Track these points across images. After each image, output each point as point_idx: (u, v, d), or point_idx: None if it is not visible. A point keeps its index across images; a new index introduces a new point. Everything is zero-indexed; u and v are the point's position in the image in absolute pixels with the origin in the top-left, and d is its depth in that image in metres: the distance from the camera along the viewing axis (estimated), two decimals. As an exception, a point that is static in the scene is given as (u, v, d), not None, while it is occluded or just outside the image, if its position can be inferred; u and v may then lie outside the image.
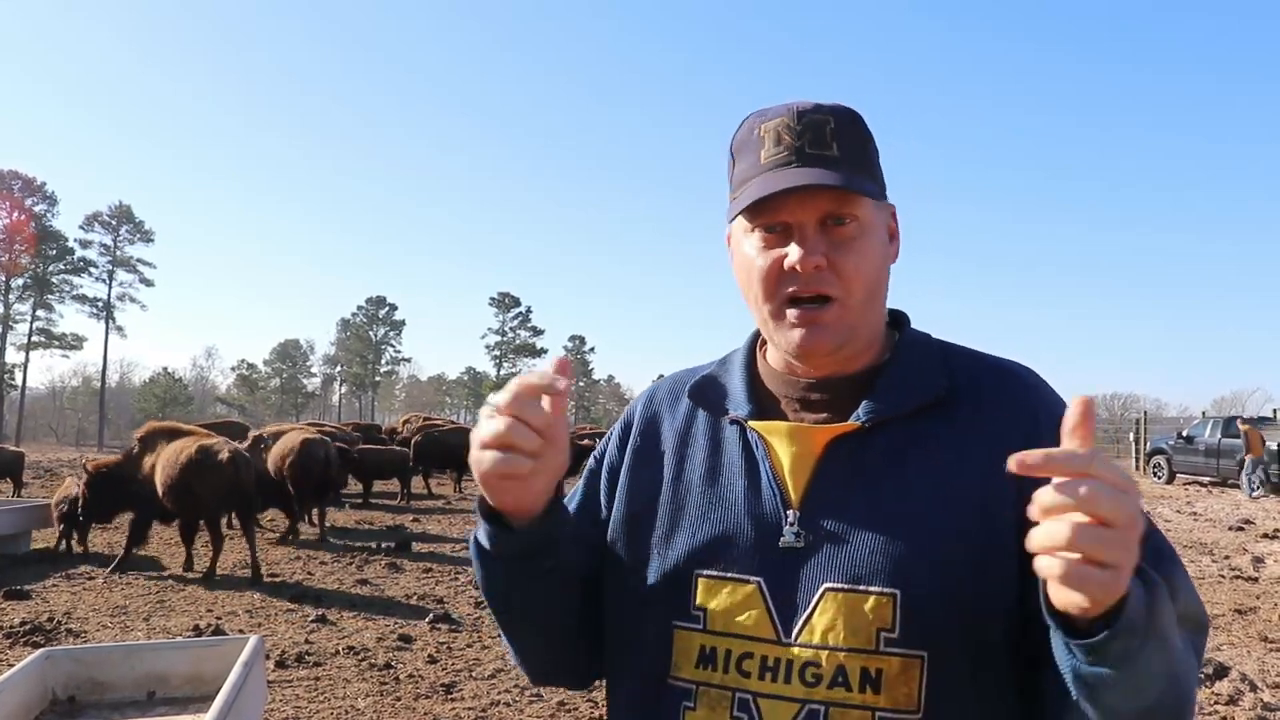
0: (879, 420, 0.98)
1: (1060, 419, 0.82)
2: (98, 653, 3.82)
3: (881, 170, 1.05)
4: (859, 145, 1.01)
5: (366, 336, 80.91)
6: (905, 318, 1.11)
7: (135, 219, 63.07)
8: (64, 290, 61.01)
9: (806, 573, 0.95)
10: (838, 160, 0.98)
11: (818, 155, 0.98)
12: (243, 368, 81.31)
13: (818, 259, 0.96)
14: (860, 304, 0.99)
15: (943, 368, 1.03)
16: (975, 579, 0.91)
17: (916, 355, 1.04)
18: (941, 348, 1.07)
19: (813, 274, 0.96)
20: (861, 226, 0.98)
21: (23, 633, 6.25)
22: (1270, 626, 7.16)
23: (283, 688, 5.24)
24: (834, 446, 0.98)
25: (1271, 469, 18.63)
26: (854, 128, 1.02)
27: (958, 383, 1.01)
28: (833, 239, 0.97)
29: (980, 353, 1.07)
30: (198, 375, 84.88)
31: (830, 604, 0.93)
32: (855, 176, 0.98)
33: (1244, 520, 14.08)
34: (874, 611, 0.91)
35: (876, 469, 0.96)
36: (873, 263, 0.99)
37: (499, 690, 5.27)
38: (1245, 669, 5.93)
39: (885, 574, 0.91)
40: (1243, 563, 10.12)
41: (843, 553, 0.94)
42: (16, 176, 57.59)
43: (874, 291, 1.01)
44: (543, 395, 0.88)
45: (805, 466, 0.99)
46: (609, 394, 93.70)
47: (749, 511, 1.00)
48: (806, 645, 0.93)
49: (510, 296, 78.50)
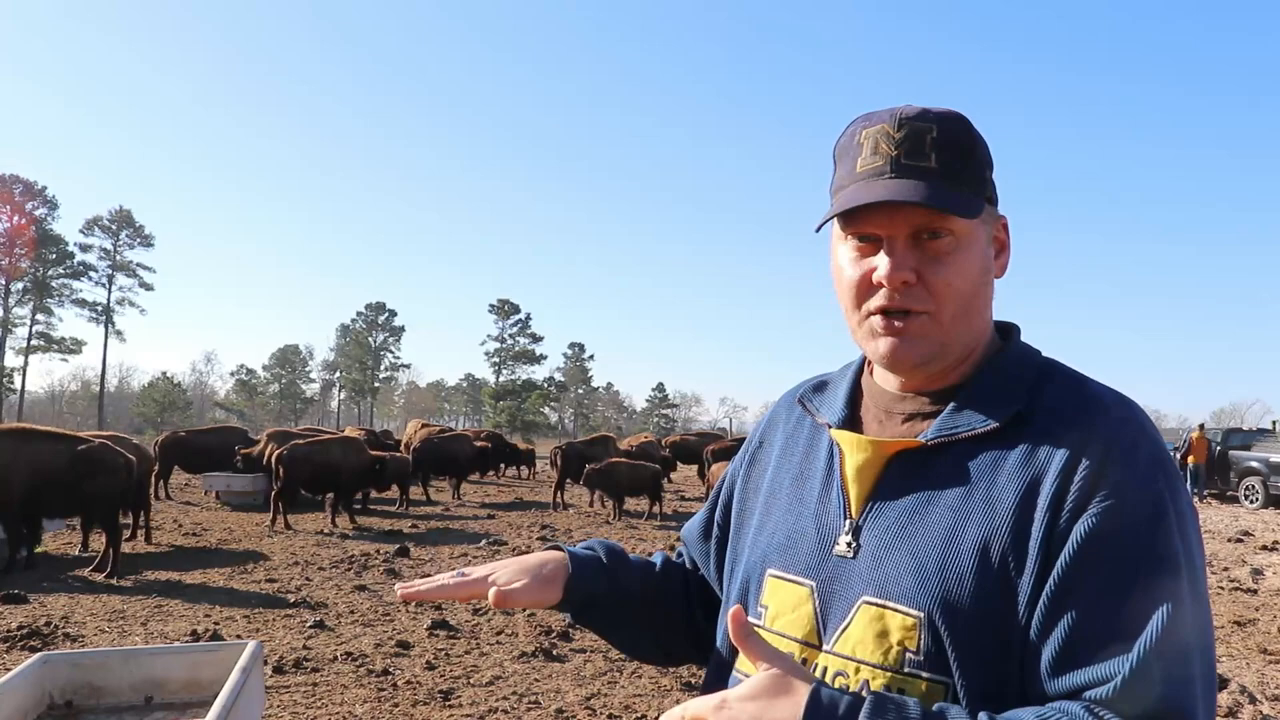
0: (945, 439, 0.96)
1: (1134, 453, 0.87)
2: (95, 657, 3.80)
3: (989, 179, 1.01)
4: (960, 156, 0.97)
5: (366, 342, 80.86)
6: (1014, 332, 1.06)
7: (135, 223, 63.16)
8: (63, 294, 61.03)
9: (851, 583, 0.96)
10: (934, 173, 0.95)
11: (913, 166, 0.95)
12: (242, 373, 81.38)
13: (906, 274, 0.95)
14: (951, 319, 0.97)
15: (1027, 389, 0.97)
16: (1006, 614, 0.88)
17: (1004, 374, 0.99)
18: (1041, 368, 1.01)
19: (901, 288, 0.95)
20: (958, 240, 0.96)
21: (20, 637, 6.22)
22: (1269, 638, 7.14)
23: (280, 693, 5.22)
24: (897, 461, 0.98)
25: (1271, 481, 18.69)
26: (959, 136, 0.98)
27: (1037, 406, 0.95)
28: (926, 253, 0.96)
29: (1083, 378, 1.00)
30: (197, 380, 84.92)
31: (864, 617, 0.94)
32: (951, 191, 0.95)
33: (1243, 532, 14.07)
34: (902, 631, 0.91)
35: (932, 488, 0.95)
36: (968, 278, 0.97)
37: (497, 697, 5.26)
38: (1244, 681, 5.92)
39: (914, 595, 0.91)
40: (1242, 575, 10.10)
41: (883, 567, 0.94)
42: (17, 180, 57.60)
43: (968, 307, 0.98)
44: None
45: (868, 478, 0.99)
46: (608, 402, 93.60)
47: (816, 516, 1.03)
48: (839, 655, 0.95)
49: (510, 303, 78.43)
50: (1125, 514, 0.86)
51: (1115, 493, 0.86)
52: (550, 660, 6.07)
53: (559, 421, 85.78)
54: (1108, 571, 0.85)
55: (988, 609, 0.88)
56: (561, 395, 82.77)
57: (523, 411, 72.72)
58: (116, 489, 8.86)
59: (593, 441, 19.02)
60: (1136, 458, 0.89)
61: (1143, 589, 0.84)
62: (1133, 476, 0.88)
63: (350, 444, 13.66)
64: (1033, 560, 0.87)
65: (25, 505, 8.64)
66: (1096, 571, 0.85)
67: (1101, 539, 0.85)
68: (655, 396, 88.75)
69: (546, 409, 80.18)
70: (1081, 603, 0.85)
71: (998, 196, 1.02)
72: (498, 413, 73.07)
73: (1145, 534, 0.86)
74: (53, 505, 8.93)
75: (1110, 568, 0.85)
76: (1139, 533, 0.86)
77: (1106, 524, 0.86)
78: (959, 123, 0.99)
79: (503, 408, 73.71)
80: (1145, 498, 0.87)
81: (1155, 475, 0.88)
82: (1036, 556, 0.87)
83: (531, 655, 6.13)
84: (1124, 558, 0.85)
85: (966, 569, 0.89)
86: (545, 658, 6.09)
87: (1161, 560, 0.85)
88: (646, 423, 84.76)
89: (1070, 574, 0.85)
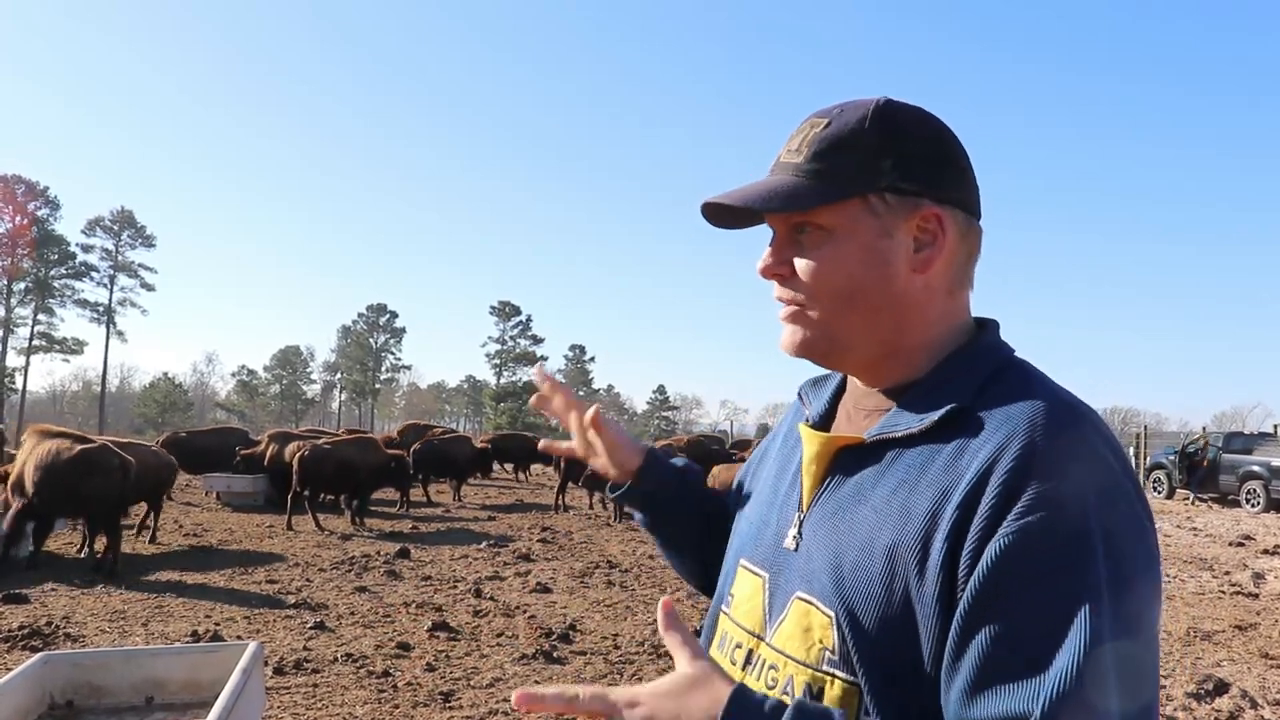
0: (883, 437, 0.94)
1: (1060, 463, 0.81)
2: (96, 657, 3.80)
3: (884, 168, 0.93)
4: (836, 148, 0.94)
5: (367, 344, 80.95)
6: (986, 327, 1.01)
7: (137, 224, 63.33)
8: (65, 294, 61.22)
9: (791, 576, 0.97)
10: (797, 169, 0.96)
11: (785, 164, 0.98)
12: (243, 374, 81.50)
13: (772, 266, 0.99)
14: (829, 312, 0.96)
15: (975, 389, 0.91)
16: (907, 625, 0.85)
17: (955, 372, 0.95)
18: (999, 366, 0.94)
19: (773, 279, 1.00)
20: (827, 233, 0.95)
21: (21, 636, 6.23)
22: (1271, 643, 7.14)
23: (281, 694, 5.23)
24: (841, 457, 0.98)
25: (1272, 485, 18.70)
26: (850, 126, 0.95)
27: (978, 407, 0.89)
28: (801, 246, 0.97)
29: (1033, 379, 0.93)
30: (198, 381, 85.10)
31: (795, 612, 0.94)
32: (807, 185, 0.95)
33: (1244, 536, 14.07)
34: (821, 629, 0.91)
35: (863, 487, 0.94)
36: (838, 270, 0.94)
37: (497, 699, 5.25)
38: (1246, 685, 5.91)
39: (828, 594, 0.90)
40: (1243, 579, 10.09)
41: (811, 563, 0.95)
42: (19, 180, 57.71)
43: (849, 300, 0.95)
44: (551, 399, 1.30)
45: (815, 472, 1.00)
46: (608, 404, 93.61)
47: (780, 509, 1.05)
48: (774, 649, 0.96)
49: (510, 305, 78.54)
50: (1042, 533, 0.79)
51: (1032, 508, 0.79)
52: (551, 662, 6.06)
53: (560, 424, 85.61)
54: (1020, 598, 0.78)
55: (888, 617, 0.85)
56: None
57: (523, 413, 72.72)
58: (114, 490, 8.90)
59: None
60: (1062, 468, 0.81)
61: (1061, 619, 0.77)
62: (1054, 490, 0.80)
63: (367, 443, 13.88)
64: (934, 573, 0.83)
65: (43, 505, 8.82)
66: (1008, 597, 0.78)
67: (1014, 561, 0.79)
68: (656, 399, 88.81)
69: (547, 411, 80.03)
70: (991, 632, 0.79)
71: (935, 186, 0.95)
72: (498, 414, 73.11)
73: (1061, 556, 0.78)
74: (61, 506, 9.03)
75: (1023, 594, 0.78)
76: (1055, 555, 0.78)
77: (1019, 544, 0.79)
78: (860, 112, 0.95)
79: (503, 409, 73.78)
80: (1067, 515, 0.79)
81: (1083, 489, 0.80)
82: (939, 571, 0.82)
83: (532, 657, 6.12)
84: (1038, 583, 0.78)
85: (875, 574, 0.87)
86: (545, 660, 6.09)
87: (1081, 587, 0.77)
88: (647, 425, 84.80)
89: (981, 599, 0.79)
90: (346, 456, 12.86)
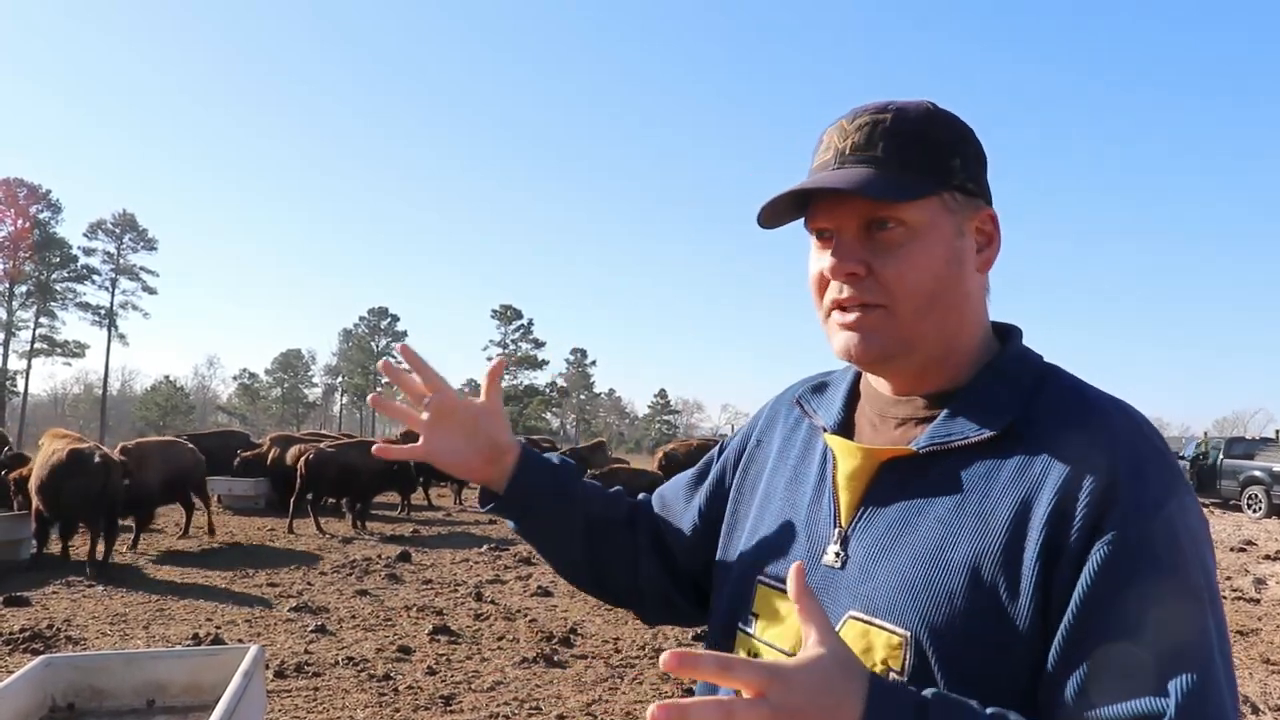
0: (937, 448, 0.91)
1: (1144, 471, 0.82)
2: (97, 660, 3.81)
3: (955, 167, 0.94)
4: (911, 142, 0.93)
5: (368, 347, 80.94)
6: (1013, 334, 1.01)
7: (139, 227, 63.36)
8: (67, 297, 61.26)
9: (838, 595, 0.92)
10: (878, 161, 0.92)
11: (858, 157, 0.92)
12: (244, 377, 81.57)
13: (850, 265, 0.92)
14: (912, 314, 0.92)
15: (1025, 396, 0.92)
16: (996, 635, 0.83)
17: (1001, 379, 0.94)
18: (1039, 374, 0.95)
19: (848, 281, 0.92)
20: (911, 231, 0.91)
21: (22, 639, 6.24)
22: (1272, 649, 7.13)
23: (282, 698, 5.23)
24: (887, 470, 0.94)
25: (1274, 490, 18.70)
26: (915, 123, 0.93)
27: (1034, 414, 0.90)
28: (877, 244, 0.92)
29: (1082, 384, 0.94)
30: (199, 384, 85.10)
31: (850, 632, 0.89)
32: (891, 178, 0.91)
33: (1246, 541, 14.06)
34: (887, 649, 0.86)
35: (922, 500, 0.90)
36: (925, 270, 0.91)
37: (498, 703, 5.26)
38: (1247, 691, 5.91)
39: (900, 613, 0.86)
40: (1244, 584, 10.08)
41: (869, 582, 0.90)
42: (21, 183, 57.83)
43: (931, 301, 0.92)
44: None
45: (857, 486, 0.96)
46: (610, 408, 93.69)
47: (807, 524, 1.00)
48: None
49: (512, 309, 78.54)
50: (1143, 540, 0.81)
51: (1128, 517, 0.81)
52: (551, 666, 6.07)
53: (560, 427, 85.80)
54: (1134, 602, 0.80)
55: (976, 630, 0.84)
56: (564, 401, 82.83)
57: (525, 417, 72.74)
58: (95, 490, 9.05)
59: (594, 448, 19.28)
60: (1147, 475, 0.83)
61: (1174, 618, 0.79)
62: (1146, 498, 0.82)
63: (369, 447, 13.76)
64: (1029, 582, 0.82)
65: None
66: (1121, 602, 0.80)
67: (1119, 570, 0.80)
68: (657, 403, 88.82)
69: (548, 415, 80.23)
70: (1107, 636, 0.80)
71: (986, 189, 0.97)
72: (499, 418, 72.96)
73: (1166, 561, 0.81)
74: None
75: (1137, 598, 0.80)
76: (1160, 560, 0.80)
77: (1123, 552, 0.80)
78: (919, 110, 0.95)
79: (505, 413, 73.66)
80: (1162, 521, 0.81)
81: (1168, 495, 0.83)
82: (1033, 578, 0.82)
83: (532, 661, 6.13)
84: (1147, 588, 0.80)
85: (956, 588, 0.84)
86: (546, 664, 6.09)
87: (1186, 588, 0.80)
88: (649, 429, 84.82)
89: (1090, 605, 0.80)
90: (350, 460, 12.87)
